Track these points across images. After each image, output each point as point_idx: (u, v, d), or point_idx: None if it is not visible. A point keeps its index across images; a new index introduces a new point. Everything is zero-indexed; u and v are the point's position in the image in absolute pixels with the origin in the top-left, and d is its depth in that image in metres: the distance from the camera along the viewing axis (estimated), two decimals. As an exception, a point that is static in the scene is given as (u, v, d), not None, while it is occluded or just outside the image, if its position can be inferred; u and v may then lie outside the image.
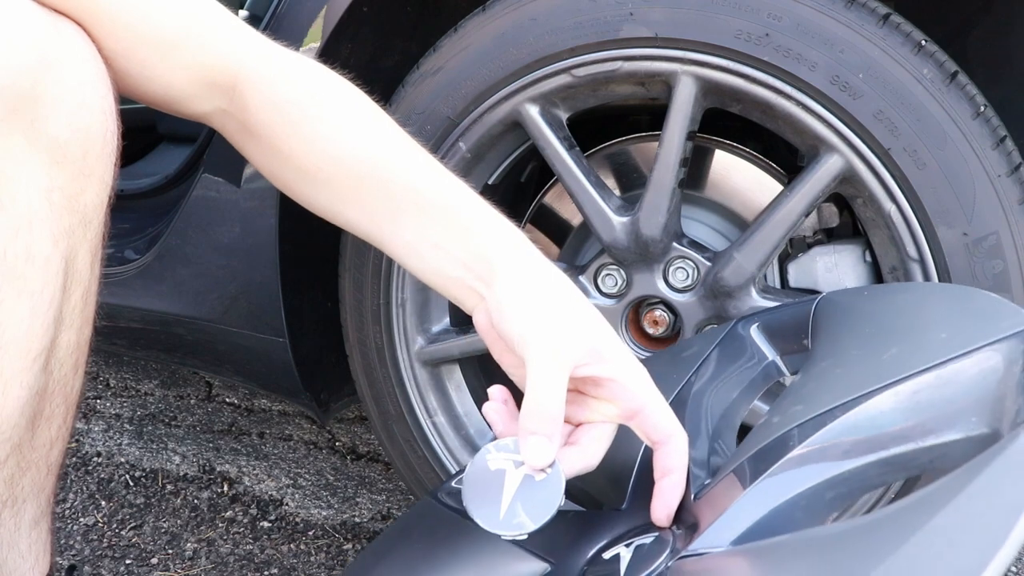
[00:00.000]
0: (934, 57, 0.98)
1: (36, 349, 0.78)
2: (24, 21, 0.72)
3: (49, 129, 0.73)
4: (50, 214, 0.75)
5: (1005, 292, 0.99)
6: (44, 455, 0.86)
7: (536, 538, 0.66)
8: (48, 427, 0.85)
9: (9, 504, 0.84)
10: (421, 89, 1.15)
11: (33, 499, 0.87)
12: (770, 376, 0.90)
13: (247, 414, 1.97)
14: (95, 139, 0.77)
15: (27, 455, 0.83)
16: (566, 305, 0.75)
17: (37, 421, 0.83)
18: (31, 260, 0.75)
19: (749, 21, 1.00)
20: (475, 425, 1.28)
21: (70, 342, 0.83)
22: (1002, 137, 0.99)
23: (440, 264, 0.80)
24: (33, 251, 0.75)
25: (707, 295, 1.13)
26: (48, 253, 0.76)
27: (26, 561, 0.88)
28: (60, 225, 0.76)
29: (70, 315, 0.81)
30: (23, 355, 0.77)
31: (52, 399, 0.84)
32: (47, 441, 0.85)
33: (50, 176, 0.75)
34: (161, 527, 1.48)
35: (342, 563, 1.42)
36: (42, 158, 0.74)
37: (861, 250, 1.13)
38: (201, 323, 1.32)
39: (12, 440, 0.80)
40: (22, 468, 0.84)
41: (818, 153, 1.03)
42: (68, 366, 0.84)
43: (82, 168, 0.77)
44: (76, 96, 0.75)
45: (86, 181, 0.77)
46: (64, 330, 0.81)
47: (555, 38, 1.07)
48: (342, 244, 1.25)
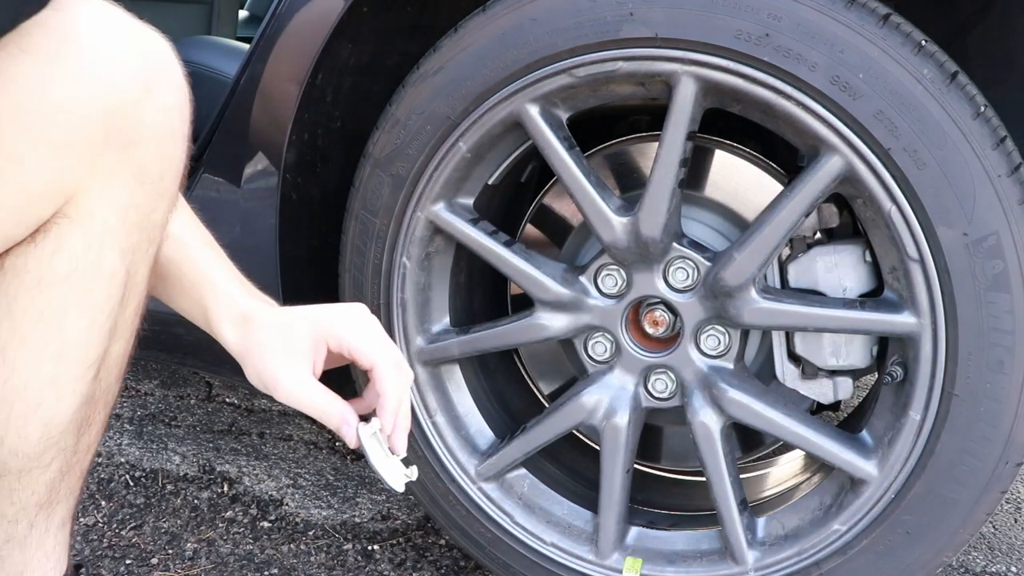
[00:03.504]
0: (934, 57, 0.98)
1: (91, 359, 0.80)
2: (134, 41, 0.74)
3: (138, 153, 0.76)
4: (122, 230, 0.78)
5: (1005, 292, 0.99)
6: (82, 460, 0.88)
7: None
8: (89, 433, 0.87)
9: (45, 507, 0.86)
10: (421, 89, 1.15)
11: (65, 502, 0.89)
12: None
13: (247, 414, 1.97)
14: (174, 163, 0.80)
15: (69, 460, 0.85)
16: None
17: (82, 428, 0.85)
18: (99, 274, 0.77)
19: (749, 21, 1.00)
20: (475, 425, 1.28)
21: (118, 352, 0.85)
22: (1002, 137, 0.99)
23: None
24: (102, 265, 0.77)
25: (707, 295, 1.13)
26: (115, 268, 0.78)
27: (49, 561, 0.90)
28: (129, 241, 0.79)
29: (123, 327, 0.84)
30: (79, 363, 0.79)
31: (96, 406, 0.86)
32: (86, 446, 0.87)
33: (130, 195, 0.77)
34: (161, 527, 1.48)
35: (342, 563, 1.42)
36: (126, 179, 0.76)
37: (861, 250, 1.13)
38: (201, 323, 1.32)
39: (59, 445, 0.83)
40: (62, 472, 0.85)
41: (818, 153, 1.03)
42: (114, 375, 0.86)
43: (158, 188, 0.79)
44: (167, 122, 0.77)
45: (159, 201, 0.80)
46: (116, 341, 0.84)
47: (555, 38, 1.07)
48: (342, 244, 1.25)
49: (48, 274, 0.75)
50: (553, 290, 1.17)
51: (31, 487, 0.84)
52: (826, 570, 1.13)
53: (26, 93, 0.68)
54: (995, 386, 1.01)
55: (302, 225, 1.28)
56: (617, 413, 1.19)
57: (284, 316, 0.93)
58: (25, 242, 0.75)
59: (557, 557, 1.24)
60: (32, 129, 0.69)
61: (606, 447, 1.20)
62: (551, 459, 1.34)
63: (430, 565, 1.44)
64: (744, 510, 1.17)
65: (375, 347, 0.93)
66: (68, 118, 0.70)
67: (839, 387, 1.18)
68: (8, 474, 0.82)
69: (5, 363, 0.77)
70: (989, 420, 1.02)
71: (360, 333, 0.93)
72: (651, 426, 1.36)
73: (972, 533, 1.08)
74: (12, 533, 0.85)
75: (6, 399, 0.78)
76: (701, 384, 1.16)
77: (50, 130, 0.70)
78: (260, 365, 0.91)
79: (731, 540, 1.16)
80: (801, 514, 1.17)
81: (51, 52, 0.69)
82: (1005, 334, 1.00)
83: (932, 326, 1.03)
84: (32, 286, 0.76)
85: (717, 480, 1.16)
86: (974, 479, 1.04)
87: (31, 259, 0.75)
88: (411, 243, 1.20)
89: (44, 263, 0.75)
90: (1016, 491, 1.85)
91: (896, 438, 1.08)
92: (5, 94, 0.68)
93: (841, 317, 1.07)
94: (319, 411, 0.91)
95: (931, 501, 1.07)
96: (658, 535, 1.24)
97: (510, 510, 1.25)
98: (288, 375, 0.90)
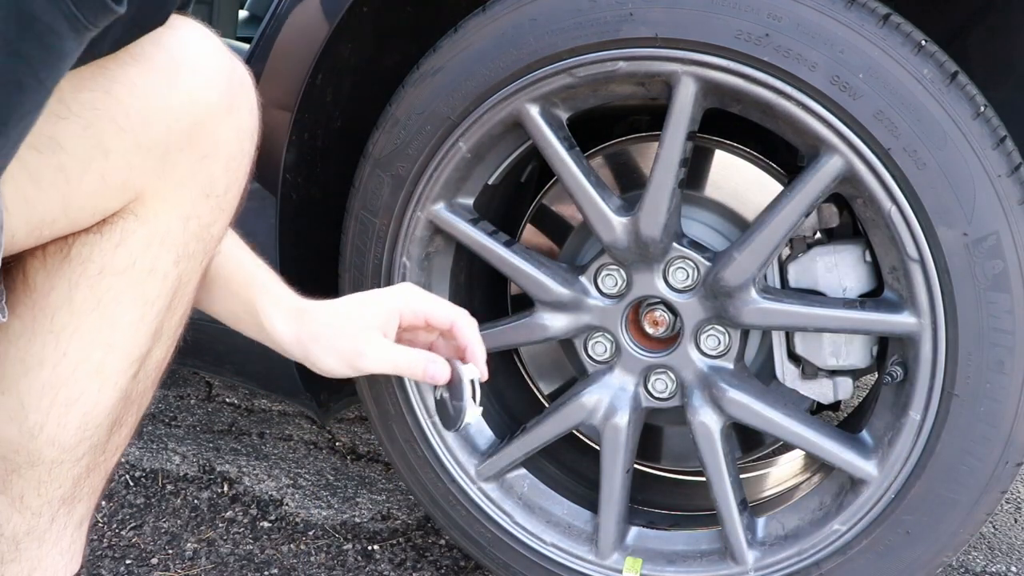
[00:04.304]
0: (934, 57, 0.98)
1: (135, 355, 0.84)
2: (224, 64, 0.80)
3: (210, 167, 0.81)
4: (181, 237, 0.82)
5: (1005, 292, 0.99)
6: (108, 460, 0.90)
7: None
8: (119, 434, 0.89)
9: (68, 502, 0.88)
10: (421, 89, 1.15)
11: (86, 500, 0.90)
12: None
13: (247, 414, 1.97)
14: (239, 181, 0.85)
15: (98, 457, 0.87)
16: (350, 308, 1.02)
17: (115, 427, 0.87)
18: (153, 273, 0.82)
19: (749, 21, 1.00)
20: (475, 424, 1.28)
21: (159, 357, 0.89)
22: (1002, 137, 0.99)
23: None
24: (157, 266, 0.82)
25: (707, 295, 1.13)
26: (168, 270, 0.83)
27: (63, 558, 0.91)
28: (186, 249, 0.84)
29: (167, 331, 0.88)
30: (125, 357, 0.83)
31: (131, 407, 0.88)
32: (115, 447, 0.89)
33: (194, 206, 0.82)
34: (161, 527, 1.48)
35: (342, 563, 1.42)
36: (195, 190, 0.81)
37: (861, 250, 1.13)
38: (201, 323, 1.32)
39: (92, 440, 0.85)
40: (89, 469, 0.87)
41: (818, 153, 1.03)
42: (151, 379, 0.89)
43: (221, 203, 0.84)
44: (239, 142, 0.83)
45: (219, 215, 0.85)
46: (159, 345, 0.87)
47: (555, 38, 1.07)
48: (342, 244, 1.25)
49: (109, 265, 0.80)
50: (553, 290, 1.17)
51: (59, 480, 0.85)
52: (826, 570, 1.13)
53: (127, 94, 0.74)
54: (995, 386, 1.01)
55: (302, 225, 1.28)
56: (617, 413, 1.19)
57: (345, 302, 1.03)
58: (92, 232, 0.79)
59: (557, 557, 1.24)
60: (124, 127, 0.74)
61: (606, 447, 1.20)
62: (551, 459, 1.34)
63: (430, 565, 1.44)
64: (744, 510, 1.17)
65: (448, 307, 1.03)
66: (158, 123, 0.76)
67: (839, 387, 1.18)
68: (41, 464, 0.83)
69: (58, 348, 0.80)
70: (989, 420, 1.02)
71: (428, 299, 1.04)
72: (651, 426, 1.36)
73: (972, 533, 1.08)
74: (34, 525, 0.86)
75: (53, 384, 0.81)
76: (701, 384, 1.16)
77: (140, 130, 0.75)
78: (335, 344, 0.99)
79: (731, 540, 1.16)
80: (801, 514, 1.17)
81: (155, 62, 0.75)
82: (1005, 334, 1.00)
83: (932, 326, 1.03)
84: (94, 275, 0.80)
85: (717, 480, 1.16)
86: (974, 479, 1.04)
87: (96, 249, 0.80)
88: (411, 243, 1.20)
89: (107, 254, 0.80)
90: (1016, 491, 1.85)
91: (896, 438, 1.08)
92: (109, 92, 0.73)
93: (841, 317, 1.07)
94: (406, 364, 0.99)
95: (931, 501, 1.07)
96: (658, 535, 1.24)
97: (510, 510, 1.25)
98: (371, 343, 0.99)
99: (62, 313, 0.80)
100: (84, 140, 0.73)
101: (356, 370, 0.99)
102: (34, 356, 0.80)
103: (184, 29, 0.79)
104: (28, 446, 0.82)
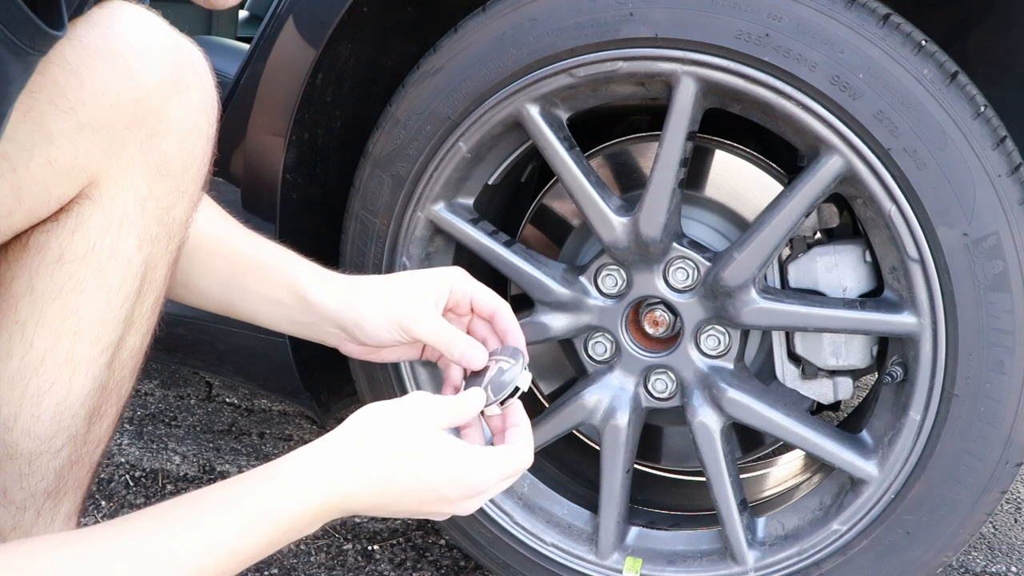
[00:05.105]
0: (934, 57, 0.98)
1: (105, 342, 0.83)
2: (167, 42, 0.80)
3: (162, 145, 0.80)
4: (141, 220, 0.82)
5: (1005, 292, 0.99)
6: (91, 452, 0.89)
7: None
8: (100, 425, 0.88)
9: (52, 495, 0.88)
10: (421, 89, 1.15)
11: (72, 494, 0.90)
12: None
13: (247, 414, 1.97)
14: (196, 161, 0.84)
15: (79, 449, 0.87)
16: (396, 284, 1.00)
17: (93, 417, 0.86)
18: (115, 257, 0.81)
19: (749, 21, 1.00)
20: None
21: (134, 346, 0.88)
22: (1002, 137, 0.99)
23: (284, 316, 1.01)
24: (118, 249, 0.81)
25: (707, 295, 1.13)
26: (131, 255, 0.82)
27: None
28: (148, 232, 0.83)
29: (139, 319, 0.86)
30: (94, 345, 0.82)
31: (109, 397, 0.88)
32: (96, 438, 0.89)
33: (150, 186, 0.81)
34: (161, 527, 1.48)
35: (342, 563, 1.42)
36: (148, 169, 0.80)
37: (861, 250, 1.13)
38: (201, 323, 1.32)
39: (70, 431, 0.84)
40: (71, 461, 0.87)
41: (818, 153, 1.03)
42: (128, 368, 0.89)
43: (179, 185, 0.83)
44: (192, 120, 0.82)
45: (179, 197, 0.84)
46: (131, 333, 0.86)
47: (555, 38, 1.07)
48: (342, 244, 1.25)
49: (68, 251, 0.79)
50: (553, 290, 1.17)
51: (40, 472, 0.85)
52: (826, 570, 1.13)
53: (62, 74, 0.74)
54: (995, 386, 1.01)
55: (302, 225, 1.28)
56: (617, 413, 1.19)
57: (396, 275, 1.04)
58: (49, 220, 0.79)
59: (557, 557, 1.24)
60: (64, 108, 0.74)
61: (606, 447, 1.20)
62: (551, 459, 1.34)
63: (430, 565, 1.44)
64: (744, 510, 1.17)
65: (493, 296, 1.01)
66: (97, 101, 0.75)
67: (839, 387, 1.18)
68: (19, 456, 0.83)
69: (24, 338, 0.80)
70: (989, 420, 1.02)
71: (476, 284, 1.02)
72: (651, 426, 1.36)
73: (972, 533, 1.08)
74: (19, 520, 0.86)
75: (22, 375, 0.80)
76: (701, 384, 1.16)
77: (80, 110, 0.75)
78: (392, 307, 0.97)
79: (731, 540, 1.16)
80: (801, 514, 1.17)
81: (90, 41, 0.75)
82: (1005, 334, 1.00)
83: (932, 326, 1.03)
84: (53, 262, 0.79)
85: (717, 480, 1.16)
86: (974, 479, 1.04)
87: (53, 236, 0.79)
88: (411, 243, 1.20)
89: (65, 240, 0.79)
90: (1016, 491, 1.85)
91: (896, 438, 1.08)
92: (44, 74, 0.73)
93: (841, 317, 1.07)
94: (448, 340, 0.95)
95: (931, 501, 1.07)
96: (658, 535, 1.24)
97: (510, 510, 1.25)
98: (425, 310, 0.96)
99: (24, 303, 0.80)
100: (25, 126, 0.73)
101: (406, 335, 0.97)
102: (1, 347, 0.80)
103: (120, 9, 0.78)
104: (4, 438, 0.82)
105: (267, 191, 1.23)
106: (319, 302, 0.98)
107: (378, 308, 0.97)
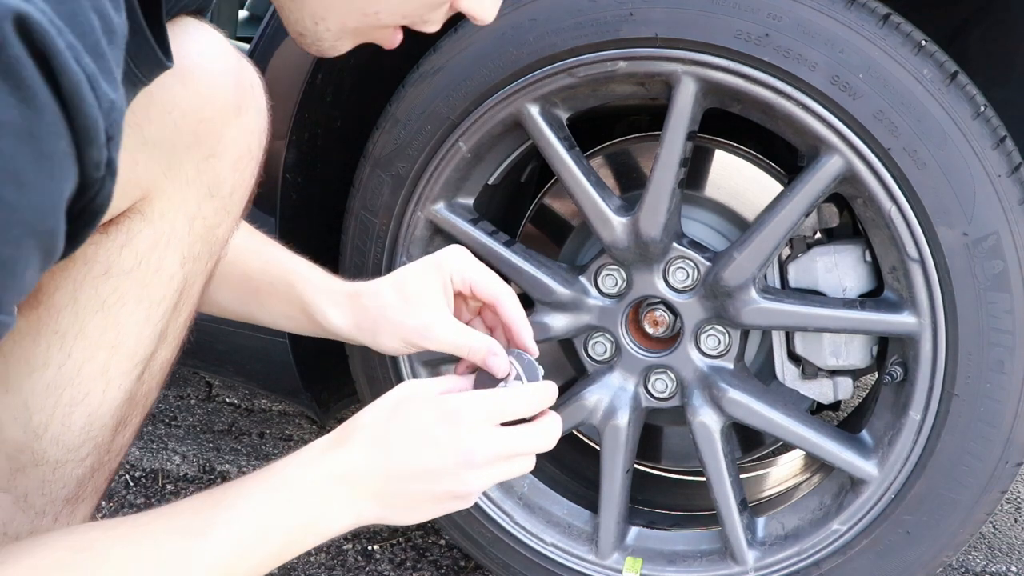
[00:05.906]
0: (934, 57, 0.98)
1: (140, 356, 0.83)
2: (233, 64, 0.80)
3: (217, 166, 0.81)
4: (187, 238, 0.82)
5: (1005, 292, 0.99)
6: (112, 460, 0.89)
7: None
8: (123, 434, 0.88)
9: (71, 502, 0.87)
10: (421, 89, 1.15)
11: (89, 501, 0.90)
12: None
13: (247, 414, 1.97)
14: (245, 183, 0.85)
15: (102, 458, 0.87)
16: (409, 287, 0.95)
17: (119, 427, 0.86)
18: (159, 273, 0.81)
19: (749, 21, 1.00)
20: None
21: (164, 359, 0.88)
22: (1002, 137, 0.99)
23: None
24: (163, 265, 0.81)
25: (707, 295, 1.13)
26: (174, 271, 0.82)
27: None
28: (192, 250, 0.83)
29: (172, 333, 0.87)
30: (129, 358, 0.82)
31: (135, 408, 0.88)
32: (119, 448, 0.89)
33: (199, 205, 0.81)
34: (161, 527, 1.48)
35: (342, 563, 1.42)
36: (200, 189, 0.81)
37: (861, 250, 1.13)
38: (202, 323, 1.32)
39: (96, 440, 0.84)
40: (94, 469, 0.87)
41: (818, 153, 1.03)
42: (155, 381, 0.89)
43: (226, 205, 0.84)
44: (247, 142, 0.83)
45: (225, 217, 0.84)
46: (163, 346, 0.87)
47: (555, 38, 1.07)
48: (342, 244, 1.25)
49: (115, 265, 0.79)
50: (553, 290, 1.17)
51: (63, 480, 0.85)
52: (826, 570, 1.13)
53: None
54: (995, 386, 1.01)
55: (302, 225, 1.28)
56: (617, 413, 1.19)
57: (401, 276, 0.95)
58: (98, 232, 0.78)
59: (557, 557, 1.24)
60: (130, 123, 0.73)
61: (606, 447, 1.20)
62: (551, 459, 1.34)
63: (430, 565, 1.44)
64: (744, 510, 1.17)
65: (495, 281, 0.95)
66: (163, 119, 0.76)
67: (839, 387, 1.18)
68: (45, 464, 0.83)
69: (63, 348, 0.80)
70: (989, 420, 1.02)
71: (477, 267, 0.95)
72: (651, 426, 1.36)
73: (972, 533, 1.08)
74: (36, 525, 0.86)
75: (57, 384, 0.80)
76: (701, 384, 1.16)
77: (146, 127, 0.75)
78: (402, 322, 0.92)
79: (731, 540, 1.16)
80: (801, 514, 1.17)
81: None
82: (1005, 334, 1.00)
83: (932, 326, 1.03)
84: (99, 275, 0.79)
85: (717, 480, 1.16)
86: (974, 479, 1.04)
87: (101, 249, 0.79)
88: (411, 243, 1.20)
89: (113, 254, 0.79)
90: (1016, 491, 1.85)
91: (896, 438, 1.08)
92: None
93: (841, 317, 1.07)
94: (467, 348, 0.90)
95: (931, 501, 1.07)
96: (658, 535, 1.24)
97: (510, 510, 1.25)
98: (438, 319, 0.91)
99: (66, 313, 0.80)
100: None
101: (418, 348, 0.94)
102: (39, 356, 0.80)
103: (192, 30, 0.79)
104: (32, 446, 0.82)
105: (267, 191, 1.23)
106: (330, 326, 0.98)
107: (389, 327, 0.95)
